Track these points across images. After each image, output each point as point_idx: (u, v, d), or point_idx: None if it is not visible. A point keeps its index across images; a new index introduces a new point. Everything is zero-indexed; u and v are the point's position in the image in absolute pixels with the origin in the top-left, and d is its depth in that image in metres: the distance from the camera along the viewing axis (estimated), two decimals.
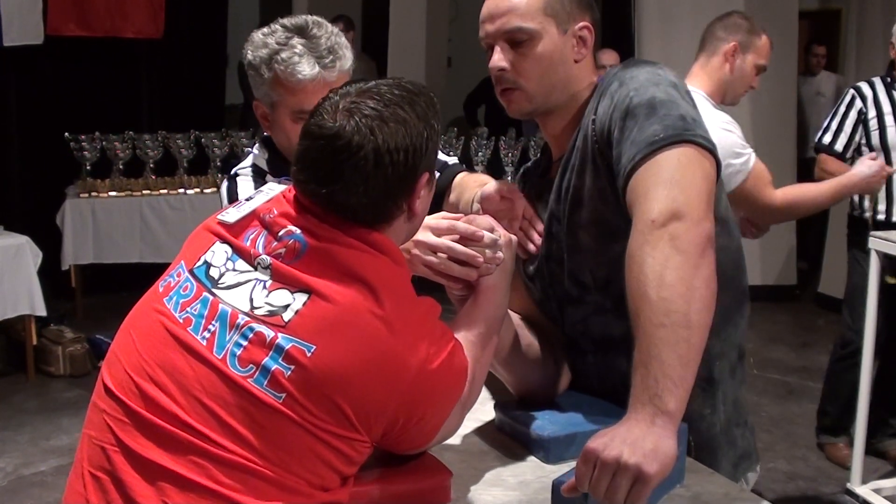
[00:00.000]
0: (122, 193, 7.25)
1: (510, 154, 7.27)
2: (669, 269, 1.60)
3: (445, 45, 9.63)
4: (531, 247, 2.06)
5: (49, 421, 5.55)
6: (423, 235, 1.82)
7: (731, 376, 2.07)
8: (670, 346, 1.54)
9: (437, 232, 1.83)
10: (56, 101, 7.91)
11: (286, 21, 2.25)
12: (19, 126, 7.94)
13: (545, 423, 1.93)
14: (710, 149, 1.78)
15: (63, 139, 7.26)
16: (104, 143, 7.34)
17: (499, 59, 1.99)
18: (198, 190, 7.31)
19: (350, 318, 1.52)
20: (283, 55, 2.19)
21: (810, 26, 9.46)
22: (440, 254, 1.81)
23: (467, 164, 7.35)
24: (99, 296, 7.62)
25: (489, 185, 2.12)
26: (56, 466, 4.86)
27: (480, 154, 7.28)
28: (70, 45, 7.84)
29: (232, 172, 2.38)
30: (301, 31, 2.21)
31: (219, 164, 7.52)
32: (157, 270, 1.75)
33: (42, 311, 6.04)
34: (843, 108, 4.78)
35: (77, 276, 7.30)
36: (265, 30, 2.25)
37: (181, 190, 7.33)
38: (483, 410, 2.09)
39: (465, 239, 1.81)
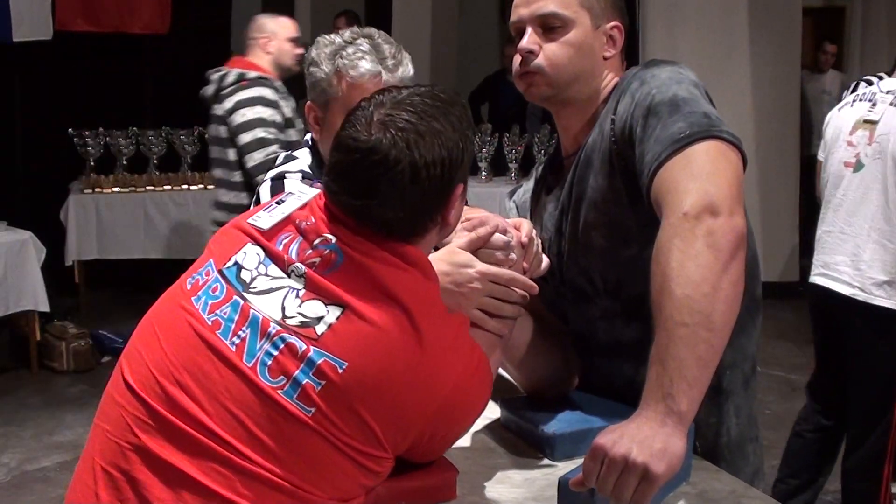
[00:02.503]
0: (126, 189, 7.27)
1: (513, 151, 7.27)
2: (697, 267, 1.57)
3: (455, 43, 9.62)
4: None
5: (53, 416, 5.56)
6: (481, 266, 1.78)
7: (744, 389, 2.03)
8: (690, 346, 1.52)
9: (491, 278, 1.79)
10: (60, 97, 7.91)
11: (355, 28, 2.29)
12: (23, 122, 7.95)
13: (551, 421, 1.92)
14: (736, 144, 1.76)
15: (67, 135, 7.27)
16: (108, 138, 7.36)
17: (529, 41, 1.98)
18: (201, 186, 7.30)
19: (385, 340, 1.50)
20: (349, 50, 2.20)
21: (814, 23, 9.45)
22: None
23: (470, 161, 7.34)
24: (102, 291, 7.63)
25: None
26: (59, 462, 4.87)
27: (484, 151, 7.28)
28: (73, 40, 7.83)
29: (276, 174, 2.34)
30: (369, 36, 2.25)
31: None
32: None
33: (45, 307, 6.05)
34: None
35: (80, 271, 7.31)
36: (333, 34, 2.28)
37: (185, 186, 7.35)
38: (490, 407, 2.08)
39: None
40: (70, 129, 7.29)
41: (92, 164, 7.32)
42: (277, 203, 1.66)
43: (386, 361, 1.49)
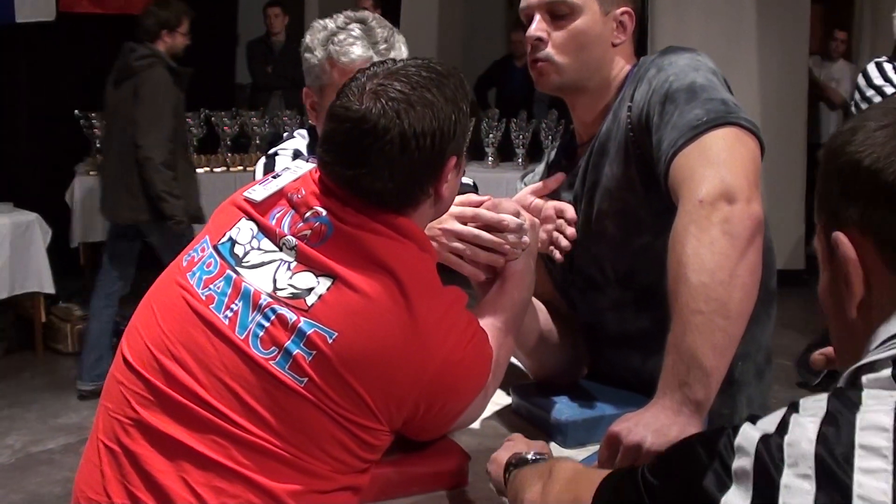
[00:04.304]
0: None
1: (521, 136, 7.25)
2: (713, 254, 1.55)
3: (461, 29, 9.60)
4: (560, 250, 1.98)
5: (57, 398, 5.57)
6: (448, 224, 1.80)
7: (758, 380, 2.01)
8: (705, 334, 1.51)
9: (462, 219, 1.80)
10: (65, 79, 7.88)
11: (349, 12, 2.29)
12: (29, 103, 7.93)
13: (563, 408, 1.92)
14: (754, 131, 1.74)
15: (73, 116, 7.25)
16: None
17: (537, 28, 1.96)
18: (208, 168, 7.28)
19: (374, 309, 1.50)
20: (340, 36, 2.21)
21: (823, 11, 9.40)
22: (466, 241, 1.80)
23: (477, 146, 7.33)
24: None
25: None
26: (64, 444, 4.88)
27: (491, 136, 7.26)
28: (80, 22, 7.81)
29: (271, 152, 2.40)
30: (362, 21, 2.25)
31: (229, 143, 7.51)
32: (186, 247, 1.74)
33: (51, 289, 6.05)
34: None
35: (86, 253, 7.29)
36: (326, 19, 2.28)
37: None
38: (500, 394, 2.07)
39: (489, 226, 1.80)
40: (76, 111, 7.26)
41: (98, 146, 7.30)
42: (274, 177, 1.68)
43: (375, 331, 1.50)
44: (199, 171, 7.22)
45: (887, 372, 1.00)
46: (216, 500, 1.48)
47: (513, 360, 2.09)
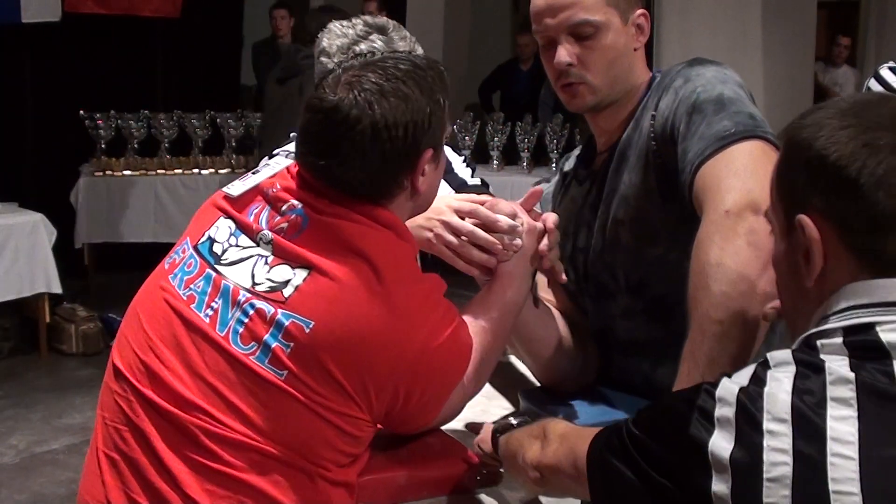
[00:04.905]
0: (137, 172, 7.26)
1: (526, 140, 7.24)
2: (736, 264, 1.54)
3: (467, 32, 9.60)
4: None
5: (62, 399, 5.55)
6: (448, 216, 1.80)
7: None
8: (723, 343, 1.51)
9: (461, 214, 1.81)
10: (71, 79, 7.88)
11: (368, 18, 2.29)
12: (34, 104, 7.93)
13: (573, 412, 1.92)
14: (780, 147, 1.74)
15: (78, 117, 7.25)
16: (119, 121, 7.34)
17: (565, 54, 1.92)
18: (212, 170, 7.32)
19: (350, 296, 1.52)
20: (362, 46, 2.20)
21: (829, 17, 9.41)
22: (462, 237, 1.80)
23: (482, 150, 7.33)
24: (112, 274, 7.59)
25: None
26: (68, 445, 4.86)
27: (496, 139, 7.26)
28: (85, 22, 7.81)
29: (275, 152, 2.38)
30: (382, 30, 2.24)
31: (234, 144, 7.51)
32: (169, 250, 1.75)
33: (57, 289, 6.02)
34: None
35: (90, 254, 7.30)
36: (345, 22, 2.28)
37: (196, 170, 7.34)
38: (508, 398, 2.07)
39: (486, 225, 1.79)
40: (81, 112, 7.27)
41: (103, 146, 7.30)
42: (253, 173, 1.70)
43: (351, 316, 1.52)
44: (203, 172, 7.26)
45: (838, 340, 1.19)
46: (209, 503, 1.50)
47: (521, 365, 2.09)
